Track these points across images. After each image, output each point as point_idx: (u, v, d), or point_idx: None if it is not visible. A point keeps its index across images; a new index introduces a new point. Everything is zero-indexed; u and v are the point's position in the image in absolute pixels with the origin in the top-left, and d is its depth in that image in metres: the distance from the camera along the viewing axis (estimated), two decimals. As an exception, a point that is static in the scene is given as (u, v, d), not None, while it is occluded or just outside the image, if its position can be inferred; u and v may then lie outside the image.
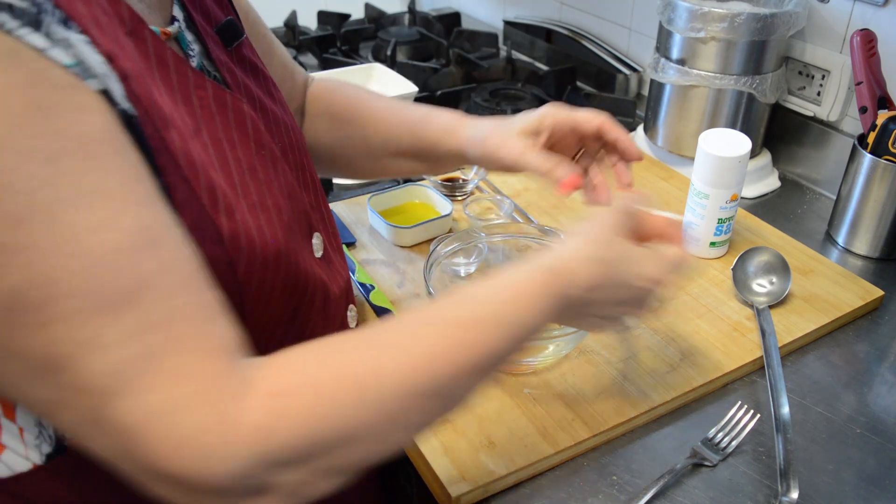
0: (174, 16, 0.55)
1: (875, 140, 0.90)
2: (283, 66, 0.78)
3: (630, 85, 1.36)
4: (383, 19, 1.76)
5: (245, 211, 0.51)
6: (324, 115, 0.81)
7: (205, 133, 0.50)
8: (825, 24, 1.04)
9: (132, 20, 0.47)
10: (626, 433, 0.70)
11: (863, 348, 0.81)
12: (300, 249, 0.58)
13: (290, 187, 0.59)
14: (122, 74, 0.43)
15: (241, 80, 0.59)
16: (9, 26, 0.38)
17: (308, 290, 0.58)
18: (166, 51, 0.49)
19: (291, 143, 0.63)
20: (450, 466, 0.64)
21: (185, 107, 0.50)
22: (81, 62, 0.40)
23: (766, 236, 0.96)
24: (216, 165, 0.50)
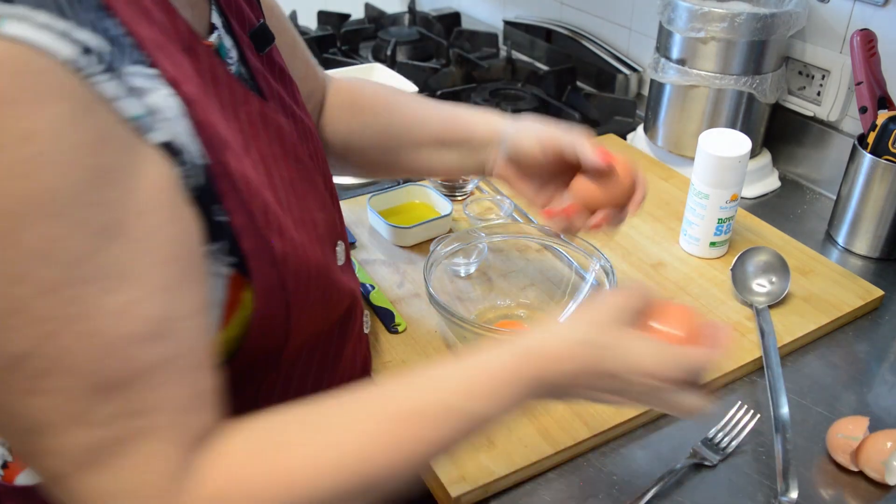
0: (213, 23, 0.53)
1: (875, 140, 0.90)
2: (305, 63, 0.76)
3: (630, 85, 1.36)
4: (383, 19, 1.76)
5: (291, 228, 0.50)
6: (346, 105, 0.78)
7: (253, 150, 0.49)
8: (825, 24, 1.04)
9: (188, 35, 0.45)
10: (626, 433, 0.70)
11: (863, 348, 0.81)
12: (332, 261, 0.57)
13: (323, 199, 0.58)
14: (187, 100, 0.42)
15: (275, 88, 0.57)
16: (89, 71, 0.37)
17: (341, 302, 0.58)
18: (218, 66, 0.47)
19: (317, 150, 0.62)
20: (450, 466, 0.64)
21: (235, 123, 0.48)
22: (150, 111, 0.39)
23: (766, 236, 0.96)
24: (265, 183, 0.49)
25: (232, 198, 0.45)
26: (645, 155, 1.16)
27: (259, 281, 0.46)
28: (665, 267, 0.90)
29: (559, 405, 0.70)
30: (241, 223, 0.45)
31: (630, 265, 0.91)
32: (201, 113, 0.43)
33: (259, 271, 0.46)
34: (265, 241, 0.47)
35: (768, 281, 0.85)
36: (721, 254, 0.92)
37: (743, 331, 0.80)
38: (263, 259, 0.47)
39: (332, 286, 0.56)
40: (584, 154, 0.66)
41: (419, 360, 0.76)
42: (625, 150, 1.17)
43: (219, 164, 0.44)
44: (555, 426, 0.68)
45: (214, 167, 0.43)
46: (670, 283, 0.87)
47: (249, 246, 0.46)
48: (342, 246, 0.63)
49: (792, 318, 0.82)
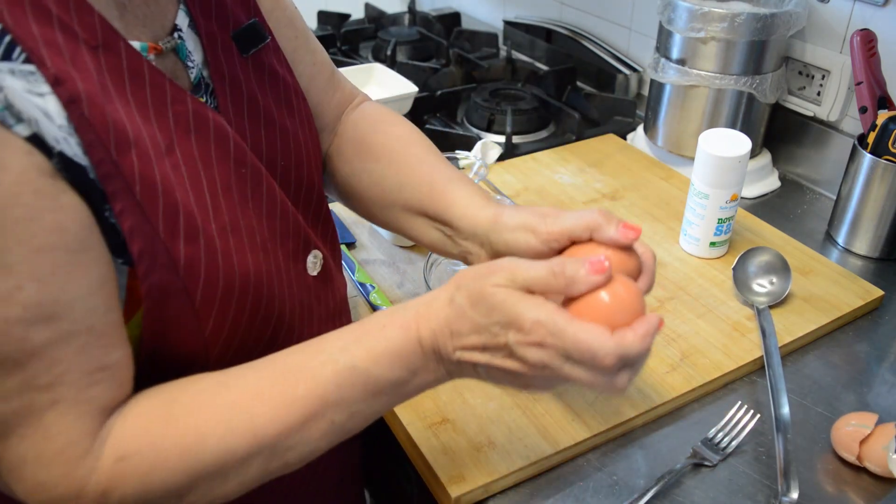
0: (177, 24, 0.53)
1: (875, 140, 0.90)
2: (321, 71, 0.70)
3: (630, 85, 1.36)
4: (383, 19, 1.76)
5: (213, 234, 0.49)
6: (355, 141, 0.71)
7: (178, 151, 0.48)
8: (825, 24, 1.04)
9: (105, 34, 0.45)
10: (626, 433, 0.70)
11: (863, 348, 0.81)
12: (277, 272, 0.55)
13: (276, 205, 0.56)
14: (69, 98, 0.42)
15: (248, 91, 0.56)
16: None
17: (286, 315, 0.56)
18: (142, 65, 0.47)
19: (300, 158, 0.60)
20: (450, 466, 0.64)
21: (159, 122, 0.48)
22: (9, 105, 0.40)
23: (766, 236, 0.96)
24: (186, 185, 0.48)
25: (123, 199, 0.44)
26: (645, 155, 1.16)
27: (149, 283, 0.46)
28: (665, 267, 0.90)
29: (560, 405, 0.70)
30: (132, 225, 0.45)
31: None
32: (93, 110, 0.43)
33: (150, 274, 0.46)
34: (163, 245, 0.46)
35: (769, 281, 0.85)
36: (721, 254, 0.92)
37: (743, 331, 0.80)
38: (157, 263, 0.46)
39: (272, 299, 0.54)
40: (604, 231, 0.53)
41: (419, 360, 0.76)
42: (625, 150, 1.17)
43: (110, 164, 0.44)
44: (555, 426, 0.68)
45: (101, 167, 0.43)
46: (670, 283, 0.87)
47: (139, 248, 0.45)
48: (318, 256, 0.60)
49: (792, 318, 0.82)
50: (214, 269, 0.49)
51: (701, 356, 0.76)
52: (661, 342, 0.78)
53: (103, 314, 0.45)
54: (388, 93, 1.25)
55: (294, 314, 0.57)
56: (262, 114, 0.57)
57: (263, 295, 0.53)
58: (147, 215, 0.46)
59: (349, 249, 0.93)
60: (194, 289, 0.48)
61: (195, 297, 0.49)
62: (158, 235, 0.46)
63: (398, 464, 0.74)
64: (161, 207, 0.46)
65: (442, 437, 0.67)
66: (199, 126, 0.51)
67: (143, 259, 0.46)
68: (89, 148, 0.43)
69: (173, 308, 0.48)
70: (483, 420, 0.69)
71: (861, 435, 0.64)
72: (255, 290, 0.52)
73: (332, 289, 0.64)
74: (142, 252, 0.45)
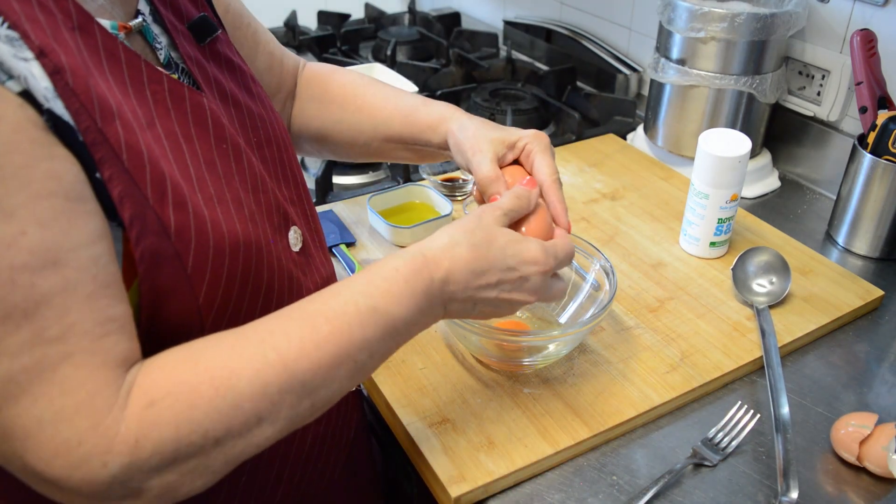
0: (139, 10, 0.55)
1: (875, 140, 0.90)
2: (269, 55, 0.78)
3: (630, 85, 1.36)
4: (383, 19, 1.76)
5: (200, 203, 0.51)
6: (316, 98, 0.81)
7: (158, 126, 0.50)
8: (825, 24, 1.04)
9: (79, 15, 0.47)
10: (626, 433, 0.70)
11: (863, 348, 0.81)
12: (267, 243, 0.57)
13: (258, 180, 0.58)
14: (53, 68, 0.43)
15: (213, 74, 0.59)
16: None
17: (276, 286, 0.58)
18: (117, 45, 0.49)
19: (269, 137, 0.63)
20: (450, 466, 0.64)
21: (138, 99, 0.49)
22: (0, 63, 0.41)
23: (766, 236, 0.96)
24: (170, 158, 0.50)
25: (111, 165, 0.45)
26: (645, 155, 1.16)
27: (142, 248, 0.47)
28: (665, 267, 0.90)
29: (560, 405, 0.70)
30: (121, 191, 0.46)
31: (630, 265, 0.91)
32: (76, 80, 0.44)
33: (142, 239, 0.47)
34: (153, 211, 0.47)
35: (769, 281, 0.85)
36: (721, 254, 0.92)
37: (743, 331, 0.80)
38: (149, 228, 0.47)
39: (261, 267, 0.56)
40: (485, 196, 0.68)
41: (419, 359, 0.76)
42: (625, 150, 1.17)
43: (94, 132, 0.45)
44: (555, 426, 0.68)
45: (88, 133, 0.44)
46: (670, 283, 0.87)
47: (129, 214, 0.46)
48: (297, 233, 0.63)
49: (792, 318, 0.82)
50: (204, 236, 0.50)
51: (701, 356, 0.76)
52: (661, 342, 0.78)
53: (105, 265, 0.44)
54: (388, 93, 1.25)
55: (283, 285, 0.59)
56: (229, 94, 0.60)
57: (252, 263, 0.54)
58: (136, 182, 0.46)
59: (349, 249, 0.93)
60: (186, 254, 0.49)
61: (187, 263, 0.49)
62: (148, 202, 0.47)
63: (398, 464, 0.74)
64: (148, 176, 0.47)
65: (442, 437, 0.67)
66: (177, 103, 0.52)
67: (135, 224, 0.46)
68: (75, 115, 0.44)
69: (167, 274, 0.48)
70: (483, 420, 0.69)
71: (861, 435, 0.64)
72: (244, 257, 0.53)
73: (314, 266, 0.66)
74: (132, 217, 0.46)
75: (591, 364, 0.75)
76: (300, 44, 1.61)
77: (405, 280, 0.53)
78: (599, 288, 0.78)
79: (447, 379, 0.73)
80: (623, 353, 0.77)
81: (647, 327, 0.80)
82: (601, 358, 0.76)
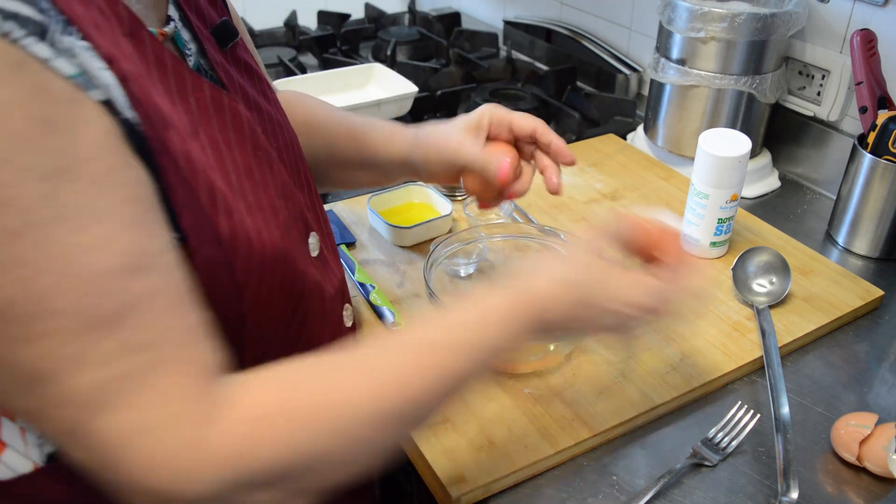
0: (169, 15, 0.55)
1: (875, 140, 0.90)
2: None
3: (630, 85, 1.36)
4: (383, 19, 1.76)
5: (243, 212, 0.51)
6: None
7: (203, 134, 0.50)
8: (825, 24, 1.04)
9: (130, 21, 0.47)
10: (626, 433, 0.70)
11: (863, 348, 0.81)
12: (296, 250, 0.58)
13: (286, 188, 0.59)
14: (121, 77, 0.43)
15: (237, 80, 0.59)
16: (15, 35, 0.38)
17: (305, 291, 0.58)
18: (164, 52, 0.49)
19: (287, 143, 0.63)
20: (450, 466, 0.64)
21: (183, 108, 0.50)
22: (84, 72, 0.40)
23: (766, 236, 0.96)
24: (214, 166, 0.50)
25: (172, 174, 0.45)
26: (645, 155, 1.16)
27: (200, 257, 0.47)
28: (665, 267, 0.90)
29: (560, 405, 0.70)
30: (181, 200, 0.46)
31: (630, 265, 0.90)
32: (139, 90, 0.44)
33: (201, 248, 0.47)
34: (209, 219, 0.47)
35: (769, 281, 0.85)
36: (721, 254, 0.92)
37: (743, 331, 0.80)
38: (205, 237, 0.47)
39: (293, 274, 0.56)
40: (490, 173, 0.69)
41: (419, 360, 0.76)
42: (625, 150, 1.17)
43: (157, 140, 0.45)
44: (555, 426, 0.68)
45: (153, 142, 0.44)
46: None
47: (190, 223, 0.46)
48: (315, 238, 0.63)
49: (792, 317, 0.82)
50: (250, 243, 0.50)
51: (701, 356, 0.76)
52: (661, 342, 0.78)
53: (181, 271, 0.44)
54: (388, 93, 1.25)
55: (311, 291, 0.59)
56: (252, 100, 0.60)
57: (288, 269, 0.55)
58: (193, 190, 0.47)
59: (349, 249, 0.93)
60: (235, 262, 0.49)
61: (237, 270, 0.49)
62: (203, 210, 0.47)
63: (398, 464, 0.74)
64: (202, 184, 0.47)
65: (442, 437, 0.67)
66: (218, 111, 0.52)
67: (193, 233, 0.46)
68: (143, 123, 0.44)
69: (220, 282, 0.48)
70: (483, 420, 0.69)
71: (861, 435, 0.64)
72: (282, 265, 0.54)
73: (330, 270, 0.66)
74: (191, 226, 0.46)
75: (591, 364, 0.75)
76: (300, 44, 1.61)
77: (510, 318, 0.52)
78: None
79: (447, 379, 0.73)
80: (623, 353, 0.77)
81: (648, 327, 0.80)
82: (601, 358, 0.76)
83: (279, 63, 1.46)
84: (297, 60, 1.48)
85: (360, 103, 1.18)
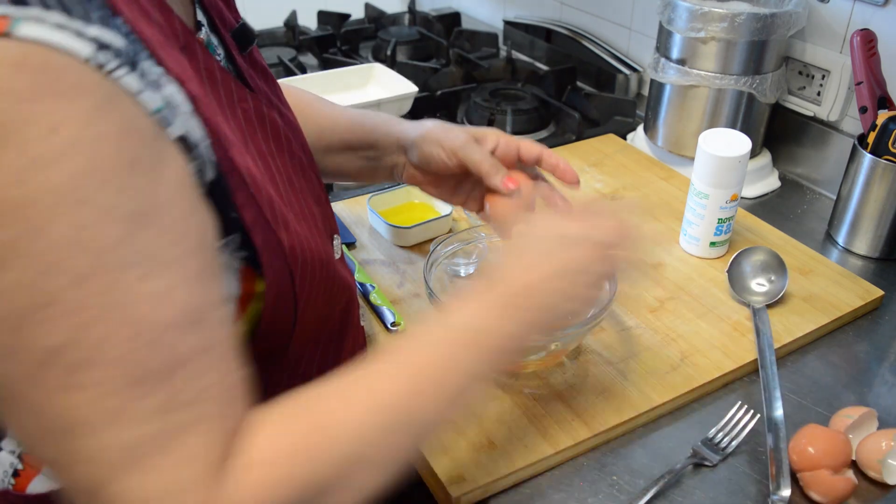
0: (199, 20, 0.53)
1: (875, 140, 0.90)
2: None
3: (630, 85, 1.36)
4: (383, 19, 1.76)
5: (294, 222, 0.51)
6: None
7: (252, 146, 0.49)
8: (825, 24, 1.04)
9: (184, 34, 0.45)
10: (626, 433, 0.70)
11: (863, 348, 0.81)
12: (331, 253, 0.59)
13: (317, 193, 0.59)
14: (192, 97, 0.42)
15: (261, 86, 0.58)
16: (109, 67, 0.37)
17: (338, 292, 0.59)
18: (213, 63, 0.48)
19: (302, 146, 0.63)
20: (450, 466, 0.64)
21: (234, 121, 0.48)
22: (168, 104, 0.40)
23: (765, 236, 0.96)
24: (267, 179, 0.50)
25: (242, 193, 0.45)
26: (645, 155, 1.16)
27: (271, 273, 0.47)
28: (665, 267, 0.90)
29: (560, 405, 0.70)
30: (251, 217, 0.46)
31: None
32: (206, 110, 0.43)
33: (270, 264, 0.47)
34: (274, 234, 0.47)
35: (767, 280, 0.85)
36: (721, 254, 0.92)
37: (743, 330, 0.80)
38: (273, 252, 0.47)
39: (332, 278, 0.56)
40: (490, 181, 0.68)
41: (419, 360, 0.76)
42: (625, 150, 1.17)
43: (227, 160, 0.44)
44: (555, 426, 0.68)
45: (223, 163, 0.44)
46: (670, 283, 0.87)
47: (261, 240, 0.46)
48: (338, 240, 0.64)
49: (792, 318, 0.82)
50: (304, 253, 0.51)
51: (701, 356, 0.76)
52: (661, 342, 0.78)
53: (230, 326, 0.43)
54: (388, 93, 1.25)
55: (343, 294, 0.60)
56: (275, 105, 0.59)
57: (328, 273, 0.55)
58: (259, 206, 0.46)
59: (349, 249, 0.93)
60: (296, 272, 0.50)
61: (296, 280, 0.50)
62: (269, 225, 0.47)
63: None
64: (264, 199, 0.47)
65: (442, 437, 0.67)
66: (261, 121, 0.52)
67: (266, 249, 0.46)
68: (214, 146, 0.43)
69: (284, 295, 0.49)
70: (483, 420, 0.69)
71: (843, 424, 0.65)
72: (325, 268, 0.54)
73: (347, 271, 0.67)
74: (263, 243, 0.46)
75: (591, 364, 0.75)
76: (300, 44, 1.61)
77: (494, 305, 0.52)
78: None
79: (447, 379, 0.73)
80: (623, 353, 0.77)
81: (647, 327, 0.80)
82: (601, 358, 0.76)
83: (279, 63, 1.46)
84: (297, 60, 1.48)
85: (360, 103, 1.18)
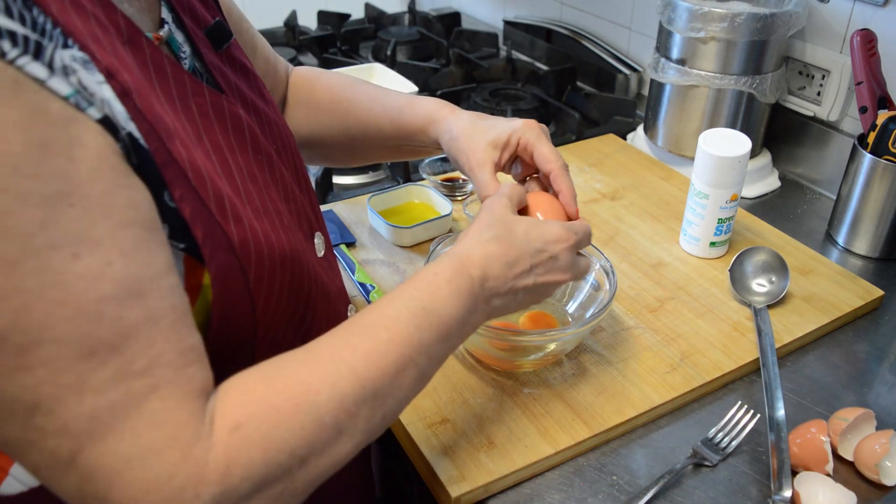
0: (163, 18, 0.54)
1: (875, 140, 0.90)
2: (265, 61, 0.78)
3: (630, 85, 1.36)
4: (383, 19, 1.76)
5: (251, 216, 0.51)
6: (303, 104, 0.82)
7: (206, 141, 0.50)
8: (825, 24, 1.04)
9: (128, 28, 0.46)
10: (626, 433, 0.70)
11: (863, 348, 0.81)
12: (304, 251, 0.58)
13: (288, 189, 0.59)
14: (122, 90, 0.42)
15: (234, 82, 0.59)
16: (10, 56, 0.37)
17: (313, 292, 0.58)
18: (163, 58, 0.48)
19: (284, 143, 0.63)
20: (450, 466, 0.64)
21: (185, 115, 0.49)
22: (81, 89, 0.40)
23: (766, 236, 0.96)
24: (219, 172, 0.50)
25: (181, 185, 0.45)
26: (645, 155, 1.16)
27: (215, 266, 0.47)
28: (665, 267, 0.90)
29: (560, 405, 0.70)
30: (192, 210, 0.46)
31: (630, 265, 0.91)
32: (142, 101, 0.43)
33: (215, 257, 0.47)
34: (220, 228, 0.47)
35: (768, 280, 0.85)
36: (721, 254, 0.92)
37: (743, 330, 0.80)
38: (219, 245, 0.47)
39: (301, 276, 0.56)
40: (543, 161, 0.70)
41: (419, 360, 0.76)
42: (625, 150, 1.17)
43: (163, 152, 0.44)
44: (555, 426, 0.68)
45: (158, 154, 0.44)
46: (670, 283, 0.87)
47: (202, 233, 0.46)
48: (321, 238, 0.63)
49: (792, 317, 0.82)
50: (261, 248, 0.50)
51: (701, 356, 0.76)
52: (661, 342, 0.78)
53: (179, 294, 0.44)
54: (388, 93, 1.25)
55: (318, 292, 0.59)
56: (249, 101, 0.60)
57: (296, 272, 0.55)
58: (202, 200, 0.46)
59: (349, 249, 0.93)
60: (248, 268, 0.49)
61: (250, 277, 0.50)
62: (214, 218, 0.47)
63: (398, 464, 0.74)
64: (210, 192, 0.47)
65: (442, 437, 0.67)
66: (219, 116, 0.52)
67: (207, 243, 0.46)
68: (146, 136, 0.43)
69: (234, 290, 0.48)
70: (483, 420, 0.69)
71: (839, 427, 0.65)
72: (291, 268, 0.54)
73: (333, 270, 0.66)
74: (205, 236, 0.46)
75: (591, 364, 0.75)
76: (300, 44, 1.61)
77: (447, 282, 0.54)
78: (599, 288, 0.78)
79: (447, 379, 0.73)
80: (623, 353, 0.77)
81: (647, 327, 0.80)
82: (601, 358, 0.76)
83: (279, 63, 1.46)
84: (297, 60, 1.48)
85: (360, 103, 1.18)
